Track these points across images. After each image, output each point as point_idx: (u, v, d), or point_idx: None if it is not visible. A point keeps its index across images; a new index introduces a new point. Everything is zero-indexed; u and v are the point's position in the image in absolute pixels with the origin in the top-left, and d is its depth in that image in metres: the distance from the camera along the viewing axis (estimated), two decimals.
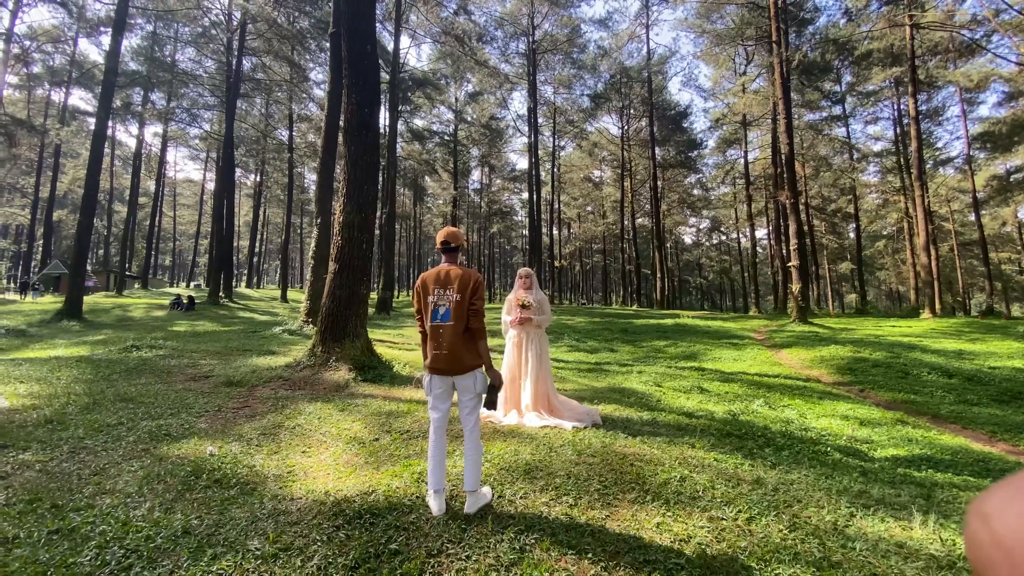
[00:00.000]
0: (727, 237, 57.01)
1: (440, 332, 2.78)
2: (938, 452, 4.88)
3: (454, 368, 2.76)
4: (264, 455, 3.59)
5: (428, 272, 2.93)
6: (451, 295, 2.80)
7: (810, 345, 12.81)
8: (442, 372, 2.78)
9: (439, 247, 2.95)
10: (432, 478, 2.73)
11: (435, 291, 2.84)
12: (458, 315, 2.77)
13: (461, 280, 2.81)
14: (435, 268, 2.94)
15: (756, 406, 6.56)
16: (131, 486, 2.97)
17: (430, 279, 2.88)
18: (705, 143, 39.82)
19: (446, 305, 2.79)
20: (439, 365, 2.78)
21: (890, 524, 2.72)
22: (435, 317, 2.81)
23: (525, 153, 45.35)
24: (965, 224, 41.98)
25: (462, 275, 2.83)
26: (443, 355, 2.76)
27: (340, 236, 7.23)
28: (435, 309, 2.82)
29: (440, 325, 2.78)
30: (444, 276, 2.85)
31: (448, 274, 2.85)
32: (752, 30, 27.55)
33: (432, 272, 2.92)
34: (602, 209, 47.83)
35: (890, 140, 36.13)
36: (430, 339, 2.83)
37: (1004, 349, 11.79)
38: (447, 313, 2.78)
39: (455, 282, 2.81)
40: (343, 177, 7.44)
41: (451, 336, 2.76)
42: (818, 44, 25.41)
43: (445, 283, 2.83)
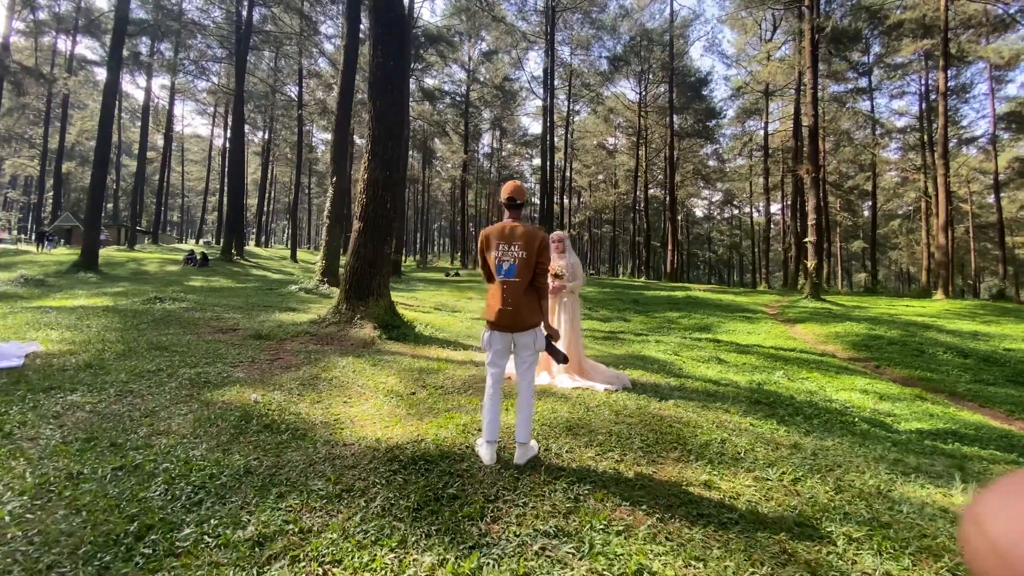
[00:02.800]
0: (739, 211, 56.27)
1: (504, 288, 2.76)
2: (961, 427, 4.93)
3: (516, 324, 2.76)
4: (307, 404, 3.66)
5: (491, 227, 2.90)
6: (516, 251, 2.76)
7: (824, 321, 12.80)
8: (504, 328, 2.78)
9: (504, 202, 2.90)
10: (487, 429, 2.77)
11: (499, 246, 2.79)
12: (523, 272, 2.74)
13: (527, 237, 2.77)
14: (498, 223, 2.90)
15: (777, 377, 6.61)
16: (184, 428, 3.05)
17: (493, 234, 2.84)
18: (724, 112, 38.79)
19: (511, 261, 2.76)
20: (502, 321, 2.77)
21: (931, 491, 2.77)
22: (499, 272, 2.79)
23: (538, 117, 44.29)
24: (983, 206, 41.21)
25: (528, 232, 2.79)
26: (507, 311, 2.75)
27: (364, 194, 7.16)
28: (499, 264, 2.79)
29: (505, 281, 2.77)
30: (509, 232, 2.81)
31: (513, 230, 2.81)
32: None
33: (496, 227, 2.87)
34: (614, 178, 47.09)
35: (914, 116, 35.01)
36: (494, 294, 2.82)
37: (1019, 332, 11.75)
38: (511, 269, 2.76)
39: (521, 239, 2.77)
40: (368, 134, 7.31)
41: (515, 293, 2.74)
42: (850, 11, 24.32)
43: (510, 239, 2.79)
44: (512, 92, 40.92)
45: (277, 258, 32.76)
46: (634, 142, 39.79)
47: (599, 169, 48.59)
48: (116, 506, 2.15)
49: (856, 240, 49.61)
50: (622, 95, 40.18)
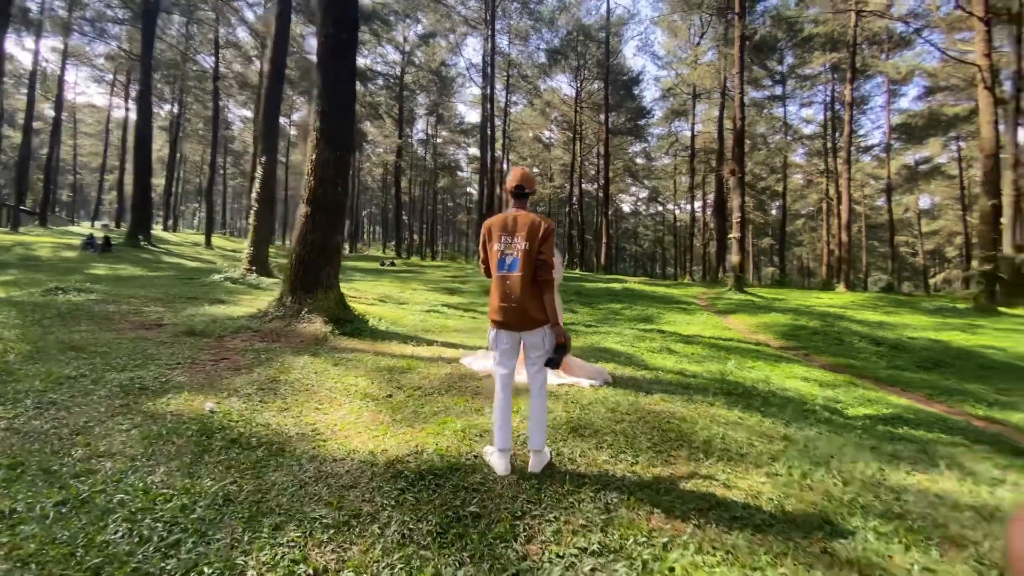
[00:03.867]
0: (663, 207, 59.18)
1: (507, 283, 2.56)
2: (901, 412, 5.38)
3: (522, 323, 2.55)
4: (274, 412, 3.22)
5: (493, 217, 2.67)
6: (518, 243, 2.55)
7: (752, 312, 13.70)
8: (509, 327, 2.59)
9: (511, 191, 2.68)
10: (499, 437, 2.56)
11: (501, 238, 2.59)
12: (527, 265, 2.53)
13: (530, 227, 2.55)
14: (501, 214, 2.69)
15: (730, 367, 6.89)
16: (131, 448, 2.54)
17: (495, 225, 2.63)
18: (654, 112, 40.39)
19: (513, 254, 2.56)
20: (506, 319, 2.57)
21: (919, 477, 2.92)
22: (501, 267, 2.59)
23: (475, 105, 43.81)
24: (873, 208, 46.29)
25: (531, 221, 2.57)
26: (511, 308, 2.55)
27: (313, 176, 6.56)
28: (501, 258, 2.59)
29: (507, 276, 2.56)
30: (512, 222, 2.60)
31: (516, 220, 2.60)
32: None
33: (498, 218, 2.66)
34: (550, 171, 47.66)
35: (819, 124, 38.53)
36: (495, 290, 2.62)
37: (916, 322, 13.26)
38: (514, 263, 2.55)
39: (523, 229, 2.56)
40: (315, 110, 6.69)
41: (518, 288, 2.53)
42: (773, 21, 26.09)
43: (512, 230, 2.58)
44: (449, 78, 40.08)
45: (189, 244, 29.82)
46: (569, 137, 40.42)
47: (535, 162, 48.92)
48: (71, 555, 1.70)
49: (766, 237, 54.01)
50: (558, 89, 40.64)
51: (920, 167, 38.20)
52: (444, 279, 19.91)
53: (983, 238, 15.60)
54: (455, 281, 18.90)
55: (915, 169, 38.13)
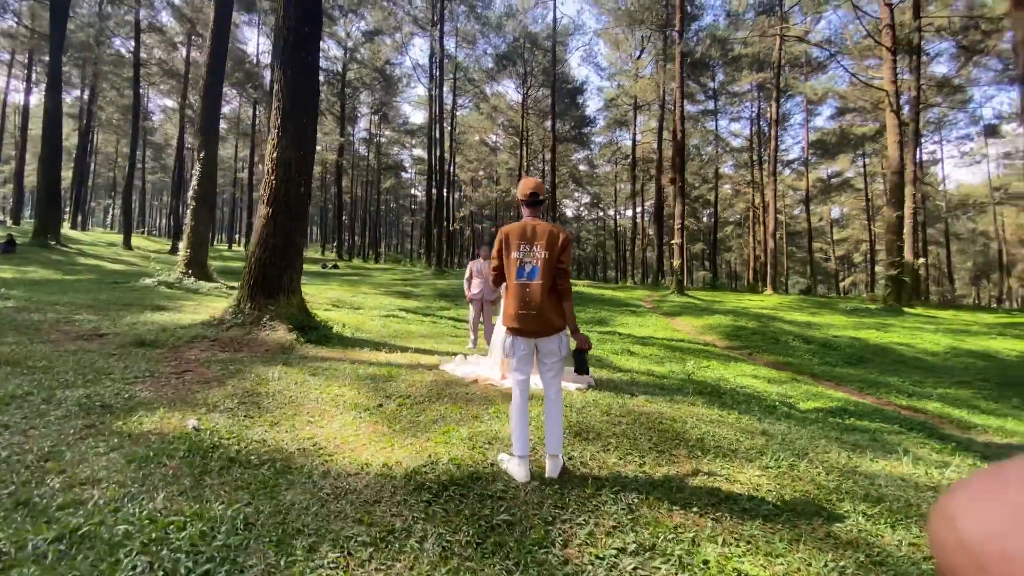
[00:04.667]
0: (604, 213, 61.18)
1: (526, 291, 2.60)
2: (842, 404, 5.91)
3: (542, 330, 2.61)
4: (265, 427, 3.05)
5: (510, 226, 2.71)
6: (538, 252, 2.61)
7: (696, 314, 14.48)
8: (527, 334, 2.64)
9: (524, 199, 2.73)
10: (518, 444, 2.58)
11: (520, 247, 2.63)
12: (546, 273, 2.60)
13: (549, 236, 2.62)
14: (518, 222, 2.72)
15: (690, 367, 7.27)
16: (117, 473, 2.32)
17: (513, 233, 2.67)
18: (597, 121, 41.66)
19: (532, 263, 2.62)
20: (525, 326, 2.61)
21: (882, 463, 3.24)
22: (520, 275, 2.63)
23: (421, 106, 43.23)
24: (792, 217, 50.30)
25: (550, 231, 2.64)
26: (531, 316, 2.59)
27: (274, 176, 6.24)
28: (520, 267, 2.63)
29: (526, 284, 2.61)
30: (530, 231, 2.65)
31: (535, 229, 2.65)
32: (650, 15, 29.10)
33: (516, 226, 2.70)
34: (496, 175, 47.86)
35: (746, 138, 41.45)
36: (512, 298, 2.65)
37: (837, 322, 14.56)
38: (534, 271, 2.61)
39: (543, 238, 2.62)
40: (276, 107, 6.38)
41: (538, 295, 2.58)
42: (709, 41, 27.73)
43: (531, 238, 2.63)
44: (394, 77, 39.28)
45: (104, 244, 27.17)
46: (516, 141, 40.83)
47: (481, 165, 48.99)
48: None
49: (698, 242, 57.22)
50: (505, 94, 40.97)
51: (832, 180, 42.05)
52: (394, 282, 19.47)
53: (890, 246, 17.41)
54: (406, 285, 18.53)
55: (828, 182, 41.94)
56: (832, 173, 41.18)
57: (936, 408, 6.64)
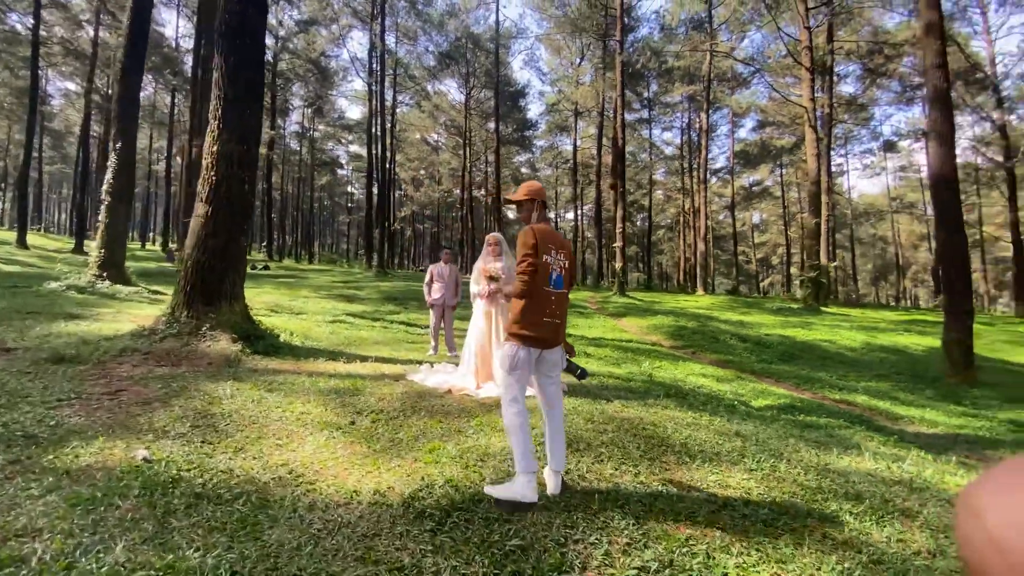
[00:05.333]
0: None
1: (552, 299, 2.55)
2: (789, 401, 6.29)
3: (556, 340, 2.59)
4: (228, 454, 2.73)
5: (539, 227, 2.59)
6: (563, 261, 2.61)
7: (640, 315, 14.99)
8: (542, 344, 2.52)
9: (543, 199, 2.71)
10: (525, 459, 2.38)
11: (552, 252, 2.56)
12: (568, 283, 2.66)
13: (568, 247, 2.67)
14: (543, 225, 2.62)
15: (646, 368, 7.46)
16: (60, 520, 1.96)
17: (547, 237, 2.55)
18: (539, 125, 42.20)
19: (558, 271, 2.59)
20: (547, 335, 2.52)
21: (848, 460, 3.44)
22: (550, 281, 2.56)
23: (358, 100, 41.78)
24: (717, 222, 53.58)
25: (567, 242, 2.70)
26: (553, 325, 2.55)
27: (214, 171, 5.71)
28: (551, 273, 2.56)
29: (554, 292, 2.56)
30: (553, 238, 2.60)
31: (555, 236, 2.63)
32: (590, 24, 29.89)
33: (546, 230, 2.59)
34: (438, 175, 47.20)
35: (677, 147, 43.65)
36: (538, 306, 2.50)
37: (765, 320, 15.60)
38: (559, 280, 2.59)
39: (565, 247, 2.64)
40: (216, 95, 5.85)
41: (563, 305, 2.62)
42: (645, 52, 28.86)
43: (556, 245, 2.59)
44: (331, 70, 37.68)
45: None
46: (458, 141, 40.48)
47: (422, 164, 48.12)
48: None
49: (632, 245, 59.55)
50: (447, 93, 40.50)
51: (753, 188, 45.23)
52: (334, 285, 18.59)
53: (809, 250, 18.93)
54: (348, 287, 17.76)
55: (750, 190, 45.08)
56: (753, 182, 44.33)
57: (864, 401, 7.25)
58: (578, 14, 30.09)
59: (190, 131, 20.66)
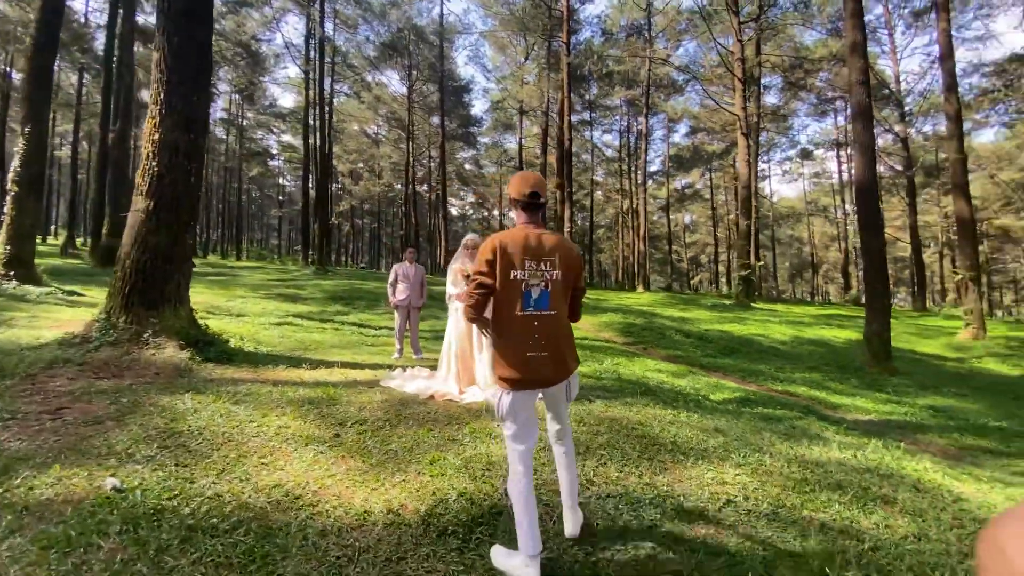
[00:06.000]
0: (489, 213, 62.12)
1: (535, 326, 2.00)
2: (743, 394, 6.66)
3: (555, 375, 2.04)
4: (211, 477, 2.48)
5: (506, 234, 2.05)
6: (548, 271, 2.03)
7: (590, 312, 15.33)
8: (536, 384, 2.01)
9: (521, 199, 2.09)
10: (529, 541, 1.88)
11: (525, 264, 2.00)
12: (559, 300, 2.07)
13: (564, 252, 2.08)
14: (517, 231, 2.07)
15: (609, 366, 7.63)
16: (34, 567, 1.69)
17: (515, 246, 2.00)
18: (483, 121, 42.03)
19: (541, 286, 2.02)
20: (533, 374, 1.99)
21: (817, 450, 3.69)
22: (527, 303, 2.00)
23: (292, 88, 39.64)
24: (652, 223, 55.98)
25: (564, 246, 2.10)
26: (543, 358, 2.00)
27: (157, 161, 5.18)
28: (526, 292, 2.00)
29: (535, 316, 2.01)
30: (537, 244, 2.04)
31: (541, 240, 2.05)
32: (536, 24, 30.12)
33: (514, 235, 2.04)
34: (379, 168, 45.80)
35: (616, 149, 45.12)
36: (516, 336, 2.00)
37: (704, 316, 16.49)
38: (544, 297, 2.02)
39: (554, 253, 2.05)
40: (157, 79, 5.31)
41: (554, 330, 2.04)
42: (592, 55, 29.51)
43: (538, 253, 2.03)
44: (262, 55, 35.43)
45: None
46: (400, 135, 39.47)
47: (361, 157, 46.48)
48: None
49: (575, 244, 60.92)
50: (389, 85, 39.32)
51: (686, 191, 47.67)
52: (271, 283, 17.54)
53: (740, 250, 20.21)
54: (287, 286, 16.82)
55: (683, 192, 47.45)
56: (685, 184, 46.66)
57: (804, 391, 7.83)
58: (523, 13, 30.21)
59: (102, 115, 18.70)
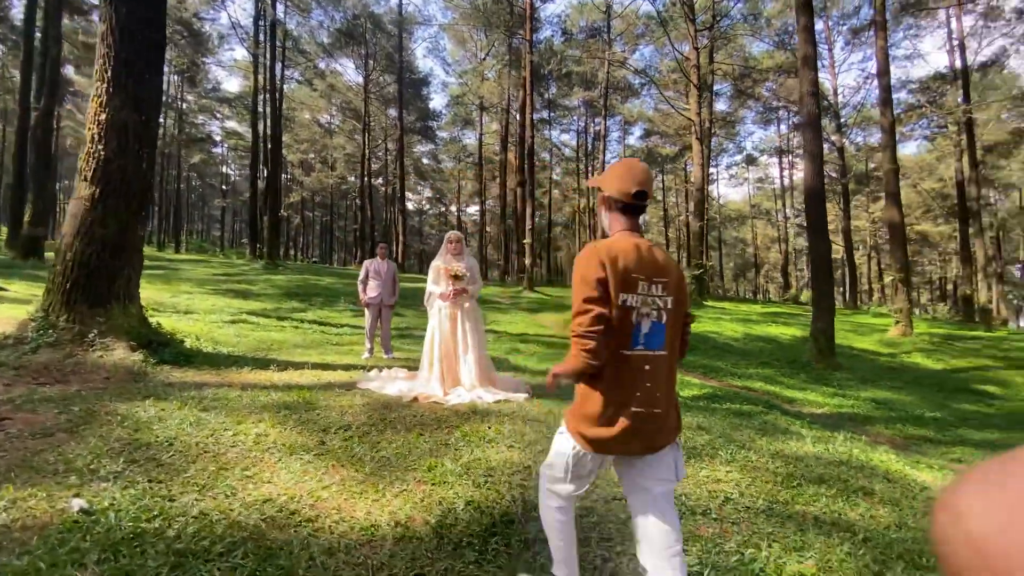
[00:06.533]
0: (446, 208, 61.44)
1: (646, 371, 1.48)
2: (710, 390, 6.89)
3: (664, 439, 1.52)
4: (192, 493, 2.26)
5: (615, 244, 1.52)
6: (663, 298, 1.51)
7: (556, 310, 15.47)
8: (635, 449, 1.49)
9: (626, 199, 1.55)
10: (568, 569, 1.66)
11: (639, 286, 1.48)
12: (672, 336, 1.56)
13: (677, 272, 1.58)
14: (624, 240, 1.53)
15: None
16: None
17: (625, 259, 1.47)
18: (443, 115, 41.44)
19: (653, 316, 1.50)
20: (638, 437, 1.47)
21: (793, 444, 3.85)
22: (636, 339, 1.47)
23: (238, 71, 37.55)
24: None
25: (675, 263, 1.61)
26: (652, 415, 1.47)
27: (102, 144, 4.73)
28: (636, 326, 1.48)
29: (646, 356, 1.49)
30: (650, 260, 1.52)
31: (654, 256, 1.54)
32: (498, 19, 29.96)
33: (626, 247, 1.50)
34: (332, 159, 44.22)
35: (573, 149, 45.72)
36: (621, 385, 1.47)
37: None
38: (658, 333, 1.51)
39: (669, 274, 1.54)
40: (103, 53, 4.85)
41: (667, 377, 1.54)
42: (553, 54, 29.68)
43: (651, 273, 1.50)
44: (205, 35, 33.34)
45: None
46: (356, 126, 38.27)
47: (313, 147, 44.70)
48: None
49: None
50: (344, 74, 37.98)
51: None
52: (217, 278, 16.57)
53: (694, 251, 20.97)
54: (235, 281, 15.95)
55: None
56: None
57: (762, 387, 8.20)
58: (485, 8, 29.96)
59: (21, 91, 16.96)
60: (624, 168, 1.61)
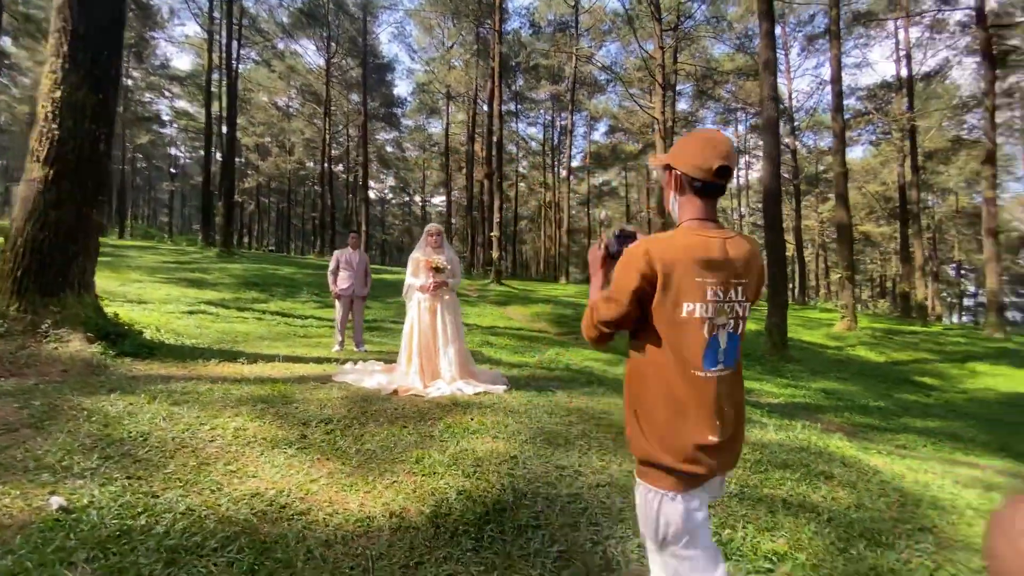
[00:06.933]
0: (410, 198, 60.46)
1: (720, 389, 1.25)
2: None
3: (732, 463, 1.33)
4: (177, 489, 2.21)
5: (672, 242, 1.23)
6: (742, 304, 1.29)
7: (523, 303, 15.59)
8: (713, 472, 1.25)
9: (706, 177, 1.25)
10: None
11: (708, 292, 1.22)
12: (740, 347, 1.33)
13: (759, 268, 1.34)
14: (689, 235, 1.25)
15: (551, 355, 7.83)
16: None
17: (689, 263, 1.22)
18: (407, 103, 40.68)
19: (730, 327, 1.27)
20: (719, 461, 1.25)
21: (758, 432, 4.07)
22: (712, 357, 1.24)
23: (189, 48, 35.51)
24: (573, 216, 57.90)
25: (757, 254, 1.34)
26: (727, 444, 1.26)
27: (56, 124, 4.45)
28: (712, 338, 1.23)
29: (719, 375, 1.25)
30: (724, 257, 1.25)
31: (728, 252, 1.26)
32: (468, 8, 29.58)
33: (691, 245, 1.23)
34: (289, 144, 42.64)
35: (539, 143, 45.88)
36: (686, 408, 1.22)
37: None
38: (733, 345, 1.28)
39: (750, 272, 1.30)
40: (59, 28, 4.54)
41: (739, 398, 1.34)
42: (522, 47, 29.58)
43: (728, 274, 1.25)
44: (153, 8, 31.37)
45: None
46: (316, 110, 37.02)
47: (270, 131, 42.95)
48: None
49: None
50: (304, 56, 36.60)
51: (603, 187, 49.81)
52: (168, 266, 15.77)
53: None
54: (187, 269, 15.22)
55: (600, 188, 49.52)
56: (603, 182, 48.72)
57: None
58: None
59: None
60: (702, 139, 1.29)
